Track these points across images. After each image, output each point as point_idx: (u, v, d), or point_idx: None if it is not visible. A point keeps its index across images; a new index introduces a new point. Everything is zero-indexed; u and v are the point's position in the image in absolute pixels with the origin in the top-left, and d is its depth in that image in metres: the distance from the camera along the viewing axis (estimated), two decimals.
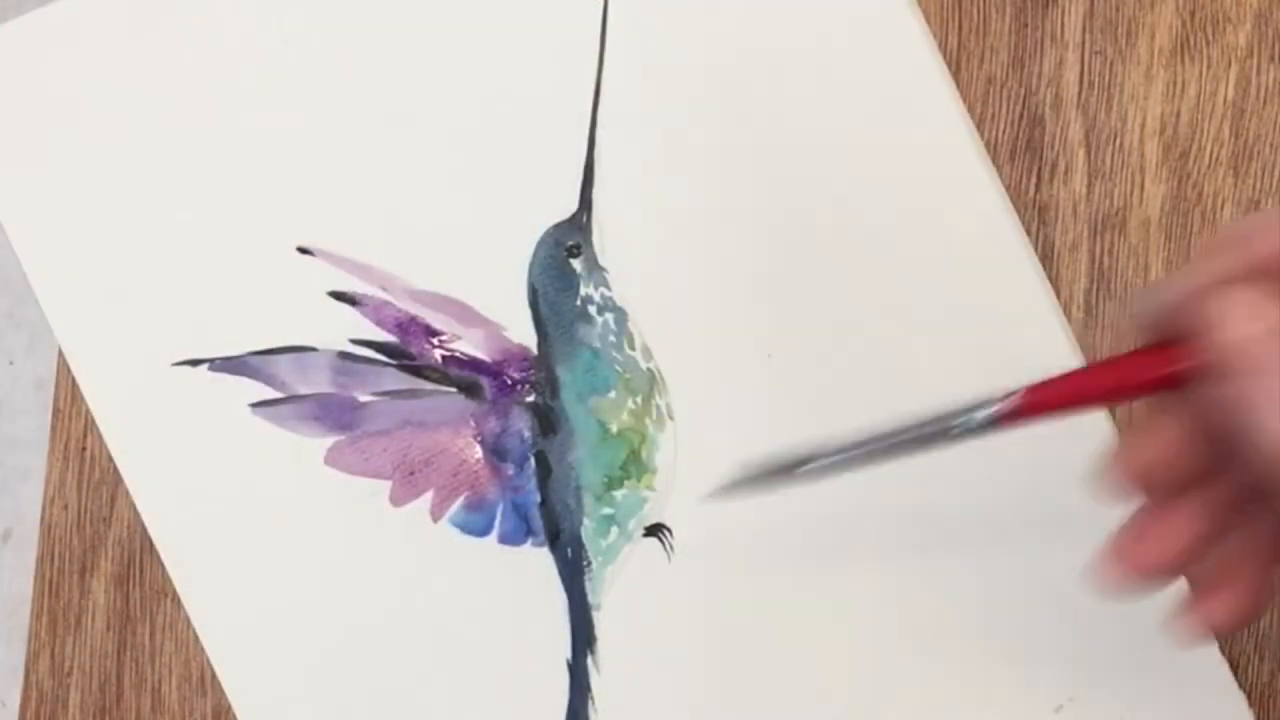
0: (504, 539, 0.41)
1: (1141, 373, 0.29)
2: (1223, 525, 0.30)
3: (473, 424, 0.42)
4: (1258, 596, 0.29)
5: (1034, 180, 0.41)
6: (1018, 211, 0.41)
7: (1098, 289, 0.41)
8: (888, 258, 0.40)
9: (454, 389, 0.42)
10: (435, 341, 0.42)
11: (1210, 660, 0.39)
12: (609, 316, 0.41)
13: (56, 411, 0.43)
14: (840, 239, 0.41)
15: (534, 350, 0.42)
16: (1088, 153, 0.41)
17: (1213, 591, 0.30)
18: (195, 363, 0.42)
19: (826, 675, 0.40)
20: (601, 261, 0.41)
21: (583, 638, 0.41)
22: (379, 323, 0.42)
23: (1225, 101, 0.41)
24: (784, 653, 0.40)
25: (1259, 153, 0.41)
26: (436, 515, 0.41)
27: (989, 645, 0.40)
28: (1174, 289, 0.28)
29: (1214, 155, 0.41)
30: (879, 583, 0.40)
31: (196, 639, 0.42)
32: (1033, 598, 0.40)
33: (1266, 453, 0.26)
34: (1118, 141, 0.41)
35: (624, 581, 0.41)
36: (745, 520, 0.41)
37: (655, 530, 0.41)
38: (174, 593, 0.42)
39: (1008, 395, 0.29)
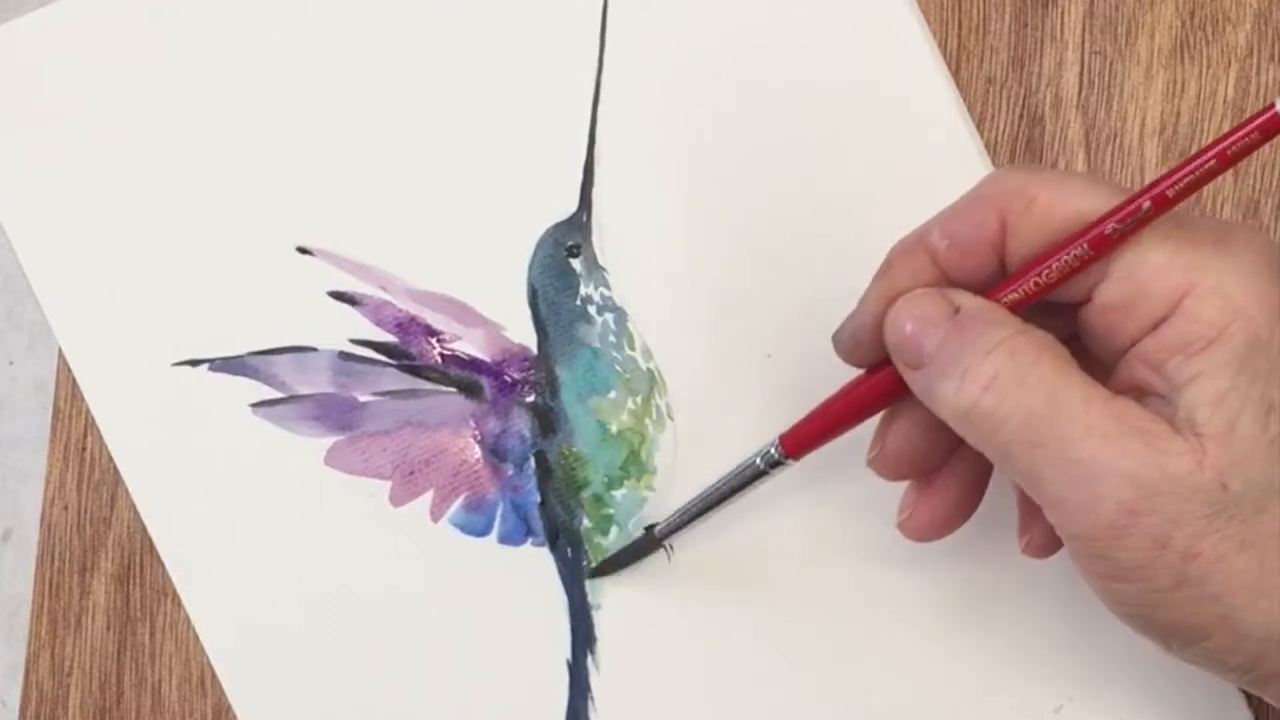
0: (504, 539, 0.41)
1: (861, 396, 0.35)
2: (980, 483, 0.36)
3: (473, 424, 0.42)
4: (961, 511, 0.36)
5: None
6: None
7: None
8: None
9: (454, 389, 0.42)
10: (435, 341, 0.42)
11: None
12: (609, 316, 0.41)
13: (56, 411, 0.43)
14: (840, 239, 0.41)
15: (534, 350, 0.42)
16: (1088, 153, 0.41)
17: (926, 501, 0.36)
18: (195, 363, 0.42)
19: (826, 675, 0.40)
20: (601, 261, 0.41)
21: (583, 638, 0.41)
22: (379, 323, 0.42)
23: (1225, 101, 0.41)
24: (783, 653, 0.40)
25: (1259, 152, 0.41)
26: (436, 515, 0.41)
27: (989, 645, 0.40)
28: (857, 319, 0.34)
29: None
30: (879, 582, 0.40)
31: (196, 639, 0.42)
32: (1033, 598, 0.40)
33: (950, 417, 0.32)
34: (1118, 141, 0.41)
35: (624, 581, 0.41)
36: (745, 520, 0.41)
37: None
38: (174, 593, 0.42)
39: (770, 444, 0.36)
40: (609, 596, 0.41)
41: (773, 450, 0.36)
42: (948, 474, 0.36)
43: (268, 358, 0.42)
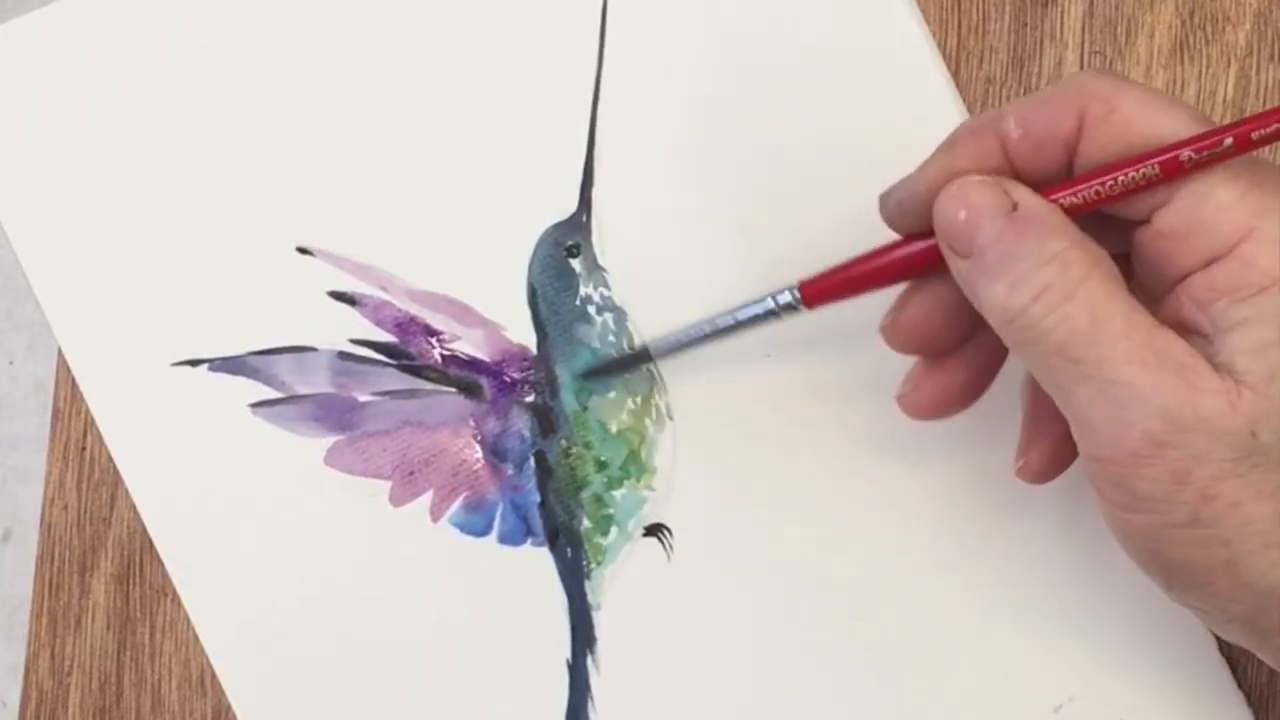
0: (504, 539, 0.41)
1: (893, 262, 0.34)
2: (988, 371, 0.35)
3: (473, 424, 0.42)
4: (964, 395, 0.35)
5: None
6: None
7: None
8: None
9: (454, 389, 0.42)
10: (435, 341, 0.42)
11: (1210, 660, 0.39)
12: (609, 316, 0.41)
13: (56, 411, 0.43)
14: (841, 239, 0.41)
15: (534, 350, 0.42)
16: None
17: (931, 378, 0.35)
18: (195, 363, 0.42)
19: (826, 675, 0.40)
20: (601, 261, 0.41)
21: (583, 638, 0.41)
22: (378, 323, 0.42)
23: (1225, 101, 0.41)
24: (783, 652, 0.40)
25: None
26: (436, 515, 0.41)
27: (989, 645, 0.40)
28: (910, 185, 0.33)
29: None
30: (879, 582, 0.40)
31: (196, 639, 0.42)
32: (1033, 597, 0.40)
33: (994, 319, 0.31)
34: None
35: (624, 581, 0.41)
36: (745, 520, 0.41)
37: (655, 530, 0.41)
38: (174, 593, 0.42)
39: (788, 287, 0.36)
40: (609, 596, 0.41)
41: (789, 293, 0.36)
42: (958, 357, 0.35)
43: (268, 358, 0.42)
